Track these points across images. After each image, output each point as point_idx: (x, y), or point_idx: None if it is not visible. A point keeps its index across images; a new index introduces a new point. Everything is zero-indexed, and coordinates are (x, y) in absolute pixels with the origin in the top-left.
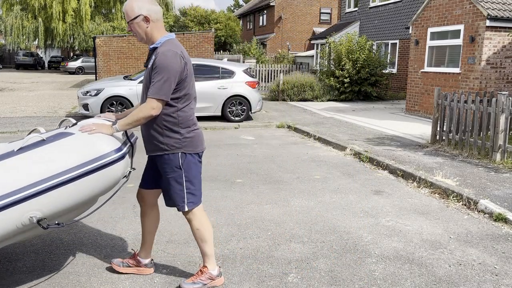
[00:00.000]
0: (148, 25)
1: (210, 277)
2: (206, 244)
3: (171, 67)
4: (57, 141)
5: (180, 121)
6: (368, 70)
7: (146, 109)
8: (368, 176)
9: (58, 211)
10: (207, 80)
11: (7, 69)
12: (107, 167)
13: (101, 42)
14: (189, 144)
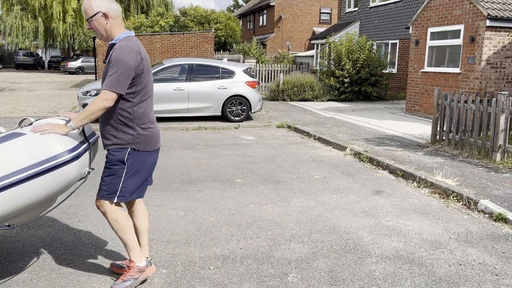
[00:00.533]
0: (107, 21)
1: (139, 269)
2: (127, 235)
3: (126, 61)
4: (7, 142)
5: (135, 117)
6: (368, 70)
7: (100, 100)
8: (368, 176)
9: (9, 213)
10: (207, 80)
11: (7, 69)
12: (59, 168)
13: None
14: (142, 141)
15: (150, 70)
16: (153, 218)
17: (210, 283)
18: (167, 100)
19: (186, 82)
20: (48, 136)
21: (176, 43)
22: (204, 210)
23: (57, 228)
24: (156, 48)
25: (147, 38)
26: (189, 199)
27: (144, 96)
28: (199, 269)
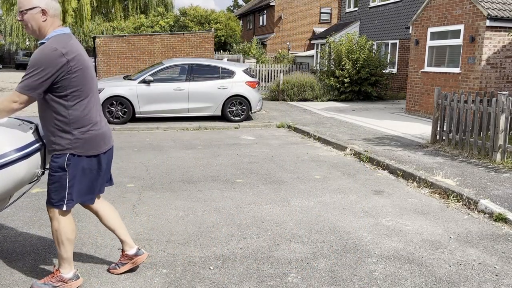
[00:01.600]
0: (45, 18)
1: (62, 280)
2: (64, 247)
3: (43, 63)
4: None
5: (71, 121)
6: (368, 70)
7: (7, 101)
8: (368, 176)
9: None
10: (207, 80)
11: (7, 69)
12: (6, 167)
13: (101, 42)
14: (81, 145)
15: (88, 69)
16: (153, 218)
17: (210, 283)
18: (167, 100)
19: (186, 82)
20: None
21: (176, 43)
22: (204, 210)
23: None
24: (156, 48)
25: (147, 38)
26: (189, 199)
27: (79, 97)
28: (199, 269)
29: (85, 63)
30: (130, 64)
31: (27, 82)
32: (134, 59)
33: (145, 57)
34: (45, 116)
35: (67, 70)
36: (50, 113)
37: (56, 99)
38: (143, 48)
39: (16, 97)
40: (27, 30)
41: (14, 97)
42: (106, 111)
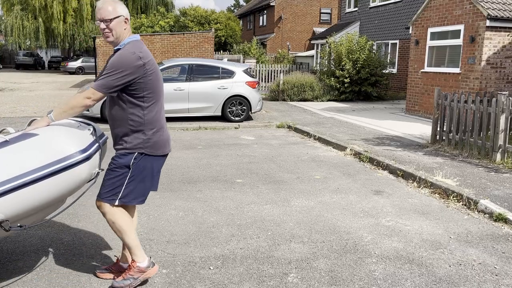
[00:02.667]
0: (125, 26)
1: (140, 270)
2: (127, 235)
3: (121, 65)
4: (20, 142)
5: (146, 121)
6: (368, 70)
7: (82, 98)
8: (368, 176)
9: (21, 213)
10: (207, 80)
11: (7, 69)
12: (71, 168)
13: (101, 42)
14: (151, 145)
15: (159, 74)
16: (153, 218)
17: (210, 283)
18: (167, 100)
19: (186, 82)
20: (60, 136)
21: (176, 43)
22: (204, 210)
23: (57, 228)
24: (156, 48)
25: (147, 38)
26: (189, 199)
27: (153, 100)
28: (199, 269)
29: (157, 68)
30: None
31: (105, 81)
32: None
33: None
34: (119, 116)
35: (143, 72)
36: (126, 114)
37: (133, 100)
38: None
39: (91, 94)
40: (108, 38)
41: (89, 93)
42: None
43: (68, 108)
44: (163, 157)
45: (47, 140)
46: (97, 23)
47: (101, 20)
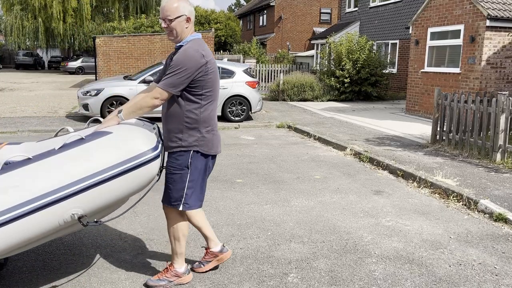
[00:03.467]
0: (187, 25)
1: (176, 274)
2: (179, 243)
3: (186, 63)
4: (96, 140)
5: (201, 119)
6: (368, 70)
7: (150, 98)
8: (368, 176)
9: (97, 209)
10: None
11: (7, 69)
12: (144, 166)
13: (101, 42)
14: (205, 144)
15: (217, 73)
16: (153, 218)
17: (210, 283)
18: None
19: None
20: (133, 134)
21: None
22: (204, 210)
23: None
24: (156, 48)
25: (147, 38)
26: None
27: (210, 99)
28: None
29: (216, 67)
30: (130, 64)
31: (171, 80)
32: (134, 59)
33: (145, 57)
34: (174, 114)
35: (205, 70)
36: (182, 111)
37: (191, 98)
38: (143, 48)
39: (158, 94)
40: (169, 35)
41: (156, 93)
42: (106, 111)
43: (136, 108)
44: (214, 158)
45: (122, 138)
46: (160, 21)
47: (163, 19)
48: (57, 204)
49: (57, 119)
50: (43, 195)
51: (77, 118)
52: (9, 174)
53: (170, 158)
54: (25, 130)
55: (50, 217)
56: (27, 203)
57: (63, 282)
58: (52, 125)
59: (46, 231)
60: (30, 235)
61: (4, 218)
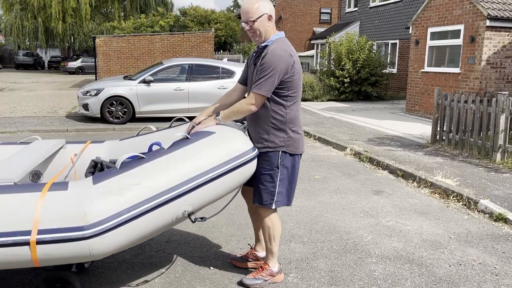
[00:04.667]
0: (269, 24)
1: (271, 273)
2: (274, 242)
3: (277, 64)
4: (201, 140)
5: (287, 120)
6: (368, 70)
7: (246, 104)
8: (368, 176)
9: (202, 206)
10: (207, 80)
11: (7, 69)
12: (245, 165)
13: (101, 42)
14: (292, 144)
15: (301, 74)
16: None
17: (210, 283)
18: (167, 100)
19: (186, 82)
20: (235, 135)
21: (176, 43)
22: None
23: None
24: (156, 48)
25: (147, 38)
26: None
27: (295, 99)
28: (199, 269)
29: (300, 67)
30: (130, 64)
31: (266, 83)
32: (134, 59)
33: (145, 57)
34: (260, 115)
35: (292, 71)
36: (268, 113)
37: (277, 99)
38: (143, 48)
39: (253, 100)
40: (253, 36)
41: (251, 100)
42: (106, 111)
43: (234, 113)
44: (300, 157)
45: (225, 139)
46: (242, 24)
47: (245, 22)
48: (174, 201)
49: (57, 119)
50: (162, 192)
51: (77, 118)
52: (129, 173)
53: (259, 158)
54: (25, 130)
55: (166, 214)
56: (149, 200)
57: None
58: (52, 125)
59: (161, 227)
60: (149, 231)
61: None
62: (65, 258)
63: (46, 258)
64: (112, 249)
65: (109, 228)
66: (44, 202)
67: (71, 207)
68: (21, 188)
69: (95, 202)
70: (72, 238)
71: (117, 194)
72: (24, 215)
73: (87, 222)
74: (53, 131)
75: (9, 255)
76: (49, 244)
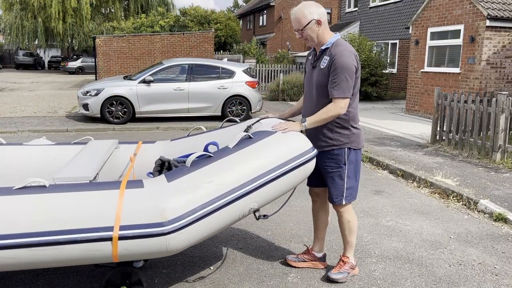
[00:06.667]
0: (319, 28)
1: (352, 266)
2: (353, 235)
3: (349, 65)
4: (264, 140)
5: (350, 118)
6: (368, 70)
7: (336, 109)
8: (368, 176)
9: (266, 203)
10: (207, 80)
11: (7, 69)
12: (307, 163)
13: (101, 42)
14: (355, 140)
15: None
16: None
17: (210, 283)
18: (167, 100)
19: (186, 82)
20: (294, 134)
21: (176, 43)
22: None
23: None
24: (156, 48)
25: (147, 38)
26: None
27: (355, 96)
28: (199, 269)
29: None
30: (130, 64)
31: (346, 85)
32: (134, 59)
33: (145, 57)
34: None
35: (356, 70)
36: None
37: None
38: (143, 48)
39: (341, 104)
40: (307, 42)
41: (339, 104)
42: (106, 111)
43: (322, 119)
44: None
45: (287, 138)
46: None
47: (296, 31)
48: (242, 198)
49: (57, 119)
50: (232, 190)
51: (77, 118)
52: (201, 171)
53: (325, 157)
54: (25, 130)
55: (235, 210)
56: (220, 198)
57: (64, 282)
58: (52, 125)
59: (229, 223)
60: (218, 227)
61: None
62: (143, 253)
63: (125, 253)
64: (185, 245)
65: (186, 224)
66: (124, 199)
67: (149, 204)
68: (100, 186)
69: (171, 199)
70: (152, 234)
71: (191, 192)
72: (106, 212)
73: (166, 219)
74: (53, 131)
75: (90, 251)
76: (130, 239)
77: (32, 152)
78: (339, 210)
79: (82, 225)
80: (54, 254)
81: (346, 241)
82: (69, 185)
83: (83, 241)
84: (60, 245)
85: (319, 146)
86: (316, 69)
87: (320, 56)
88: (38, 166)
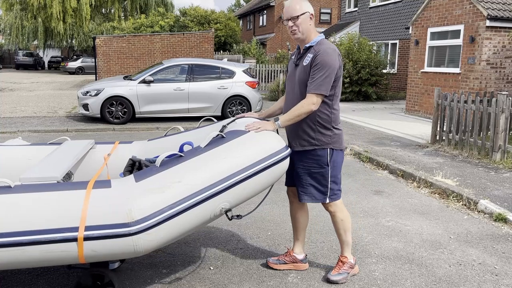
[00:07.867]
0: (311, 23)
1: (351, 265)
2: (348, 233)
3: (331, 64)
4: (236, 139)
5: (332, 119)
6: (368, 71)
7: (307, 104)
8: (368, 176)
9: (238, 203)
10: (207, 80)
11: (7, 69)
12: (280, 163)
13: (101, 42)
14: (337, 140)
15: None
16: None
17: (210, 283)
18: (167, 100)
19: (186, 82)
20: (268, 133)
21: (176, 43)
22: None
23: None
24: (156, 48)
25: (147, 38)
26: None
27: (337, 97)
28: (199, 269)
29: None
30: (130, 64)
31: (323, 82)
32: (134, 59)
33: (145, 57)
34: None
35: (340, 71)
36: (314, 112)
37: (324, 99)
38: (143, 48)
39: (314, 99)
40: (295, 35)
41: (311, 99)
42: (106, 111)
43: (294, 116)
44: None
45: (260, 137)
46: (284, 22)
47: (288, 19)
48: (213, 198)
49: (57, 119)
50: (202, 190)
51: (77, 118)
52: (170, 171)
53: (305, 157)
54: (25, 130)
55: (205, 211)
56: (189, 198)
57: (64, 282)
58: (52, 125)
59: (200, 224)
60: (188, 228)
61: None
62: (109, 254)
63: (92, 254)
64: (154, 246)
65: (153, 225)
66: (90, 199)
67: (116, 204)
68: (66, 186)
69: (138, 199)
70: (118, 235)
71: (159, 192)
72: (71, 212)
73: (132, 219)
74: (53, 131)
75: (55, 252)
76: (95, 240)
77: (6, 153)
78: (330, 210)
79: (47, 225)
80: (18, 255)
81: (342, 240)
82: (35, 186)
83: (48, 242)
84: (24, 246)
85: (301, 145)
86: (299, 66)
87: (304, 54)
88: (11, 166)
